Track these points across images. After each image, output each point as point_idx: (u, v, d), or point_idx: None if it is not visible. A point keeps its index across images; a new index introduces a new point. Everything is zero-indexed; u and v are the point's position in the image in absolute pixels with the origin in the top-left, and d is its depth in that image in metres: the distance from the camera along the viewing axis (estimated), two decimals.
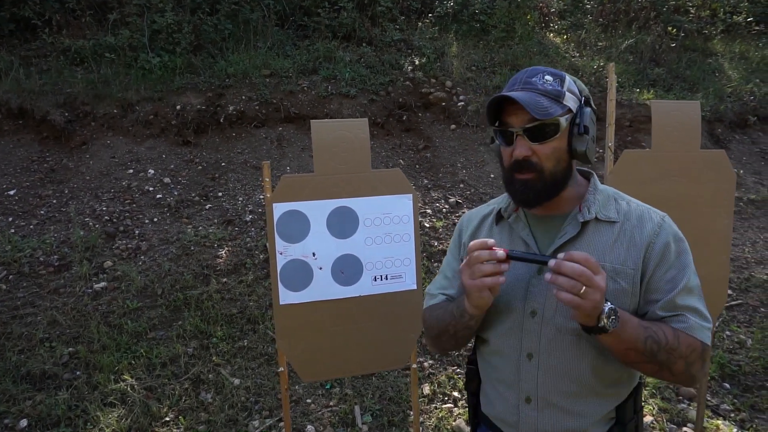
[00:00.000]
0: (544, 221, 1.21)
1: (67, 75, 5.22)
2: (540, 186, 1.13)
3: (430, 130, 5.50)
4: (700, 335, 1.09)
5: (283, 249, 1.95)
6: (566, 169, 1.16)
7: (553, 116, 1.09)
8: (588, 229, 1.16)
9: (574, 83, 1.17)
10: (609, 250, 1.13)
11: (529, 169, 1.12)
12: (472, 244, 1.08)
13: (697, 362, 1.08)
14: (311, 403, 3.08)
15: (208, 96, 5.20)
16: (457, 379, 3.27)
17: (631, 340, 1.03)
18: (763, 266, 4.39)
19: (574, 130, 1.13)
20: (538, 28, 7.18)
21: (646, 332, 1.05)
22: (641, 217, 1.16)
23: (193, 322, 3.44)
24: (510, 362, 1.20)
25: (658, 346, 1.04)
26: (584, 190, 1.22)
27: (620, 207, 1.18)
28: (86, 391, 3.01)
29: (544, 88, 1.11)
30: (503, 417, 1.25)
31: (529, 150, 1.11)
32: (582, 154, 1.14)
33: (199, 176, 4.73)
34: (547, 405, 1.17)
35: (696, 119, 2.25)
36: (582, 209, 1.17)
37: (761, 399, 3.14)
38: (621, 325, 1.01)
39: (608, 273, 1.11)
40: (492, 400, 1.28)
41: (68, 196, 4.40)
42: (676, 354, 1.06)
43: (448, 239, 4.29)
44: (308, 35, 6.17)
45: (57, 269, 3.75)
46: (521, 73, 1.17)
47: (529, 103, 1.07)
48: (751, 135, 6.15)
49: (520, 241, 1.22)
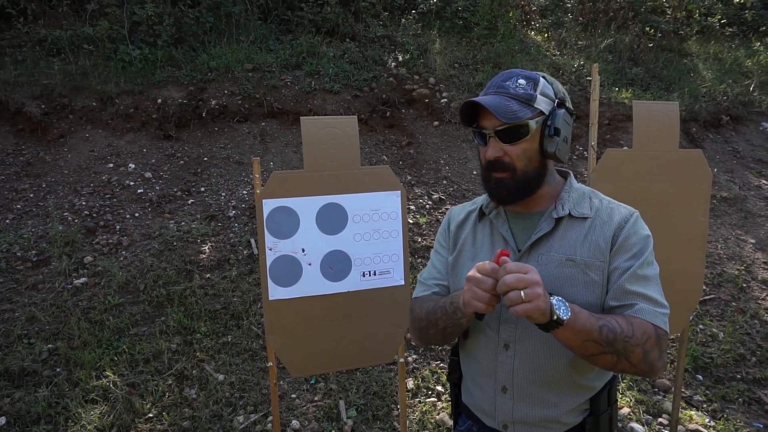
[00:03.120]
0: (522, 218, 1.27)
1: (44, 66, 5.10)
2: (513, 184, 1.19)
3: (414, 126, 5.53)
4: (653, 319, 1.11)
5: (273, 245, 1.96)
6: (538, 168, 1.22)
7: (522, 119, 1.15)
8: (561, 225, 1.22)
9: (550, 86, 1.21)
10: (580, 245, 1.19)
11: (503, 169, 1.19)
12: (481, 268, 1.06)
13: (654, 350, 1.09)
14: (296, 398, 3.09)
15: (190, 90, 5.14)
16: (440, 373, 3.32)
17: (585, 329, 1.04)
18: (734, 262, 4.54)
19: (545, 132, 1.18)
20: (520, 26, 7.26)
21: (599, 321, 1.06)
22: (611, 213, 1.21)
23: (177, 318, 3.41)
24: (488, 352, 1.26)
25: (614, 335, 1.06)
26: (561, 188, 1.28)
27: (593, 204, 1.24)
28: (67, 388, 2.97)
29: (515, 92, 1.17)
30: (481, 406, 1.30)
31: (500, 150, 1.18)
32: (552, 154, 1.20)
33: (181, 171, 4.68)
34: (522, 394, 1.22)
35: (675, 120, 2.32)
36: (557, 206, 1.23)
37: (731, 390, 3.25)
38: (573, 316, 1.03)
39: (580, 266, 1.17)
40: (471, 390, 1.34)
41: (46, 190, 4.32)
42: (632, 342, 1.07)
43: (431, 235, 4.33)
44: (291, 30, 6.14)
45: (35, 264, 3.68)
46: (498, 76, 1.23)
47: (498, 108, 1.13)
48: (724, 134, 6.33)
49: (500, 237, 1.28)
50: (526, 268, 0.99)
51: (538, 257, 1.21)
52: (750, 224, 5.10)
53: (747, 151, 6.18)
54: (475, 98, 1.16)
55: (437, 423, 2.94)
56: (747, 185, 5.64)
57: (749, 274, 4.42)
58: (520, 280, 0.97)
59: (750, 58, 7.65)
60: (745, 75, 7.20)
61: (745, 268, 4.47)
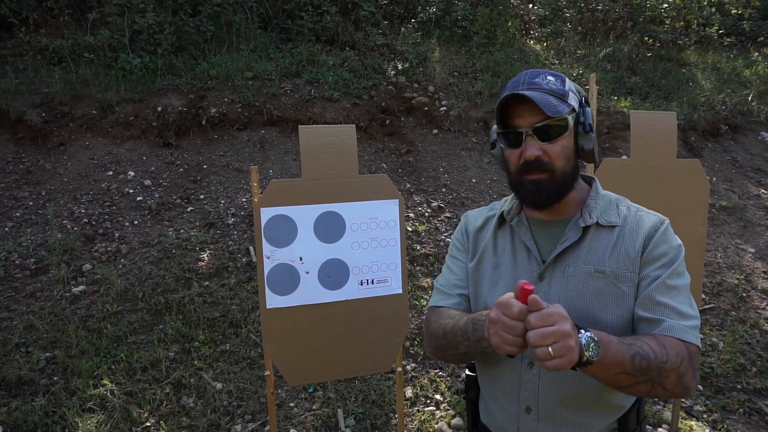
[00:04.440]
0: (546, 226, 1.21)
1: (45, 75, 5.12)
2: (552, 186, 1.12)
3: (413, 134, 5.54)
4: (684, 335, 1.05)
5: (271, 253, 1.96)
6: (574, 168, 1.16)
7: (562, 114, 1.09)
8: (589, 234, 1.15)
9: (572, 84, 1.18)
10: (609, 255, 1.13)
11: (541, 169, 1.11)
12: (506, 309, 0.95)
13: (688, 371, 1.03)
14: (294, 406, 3.07)
15: (190, 98, 5.16)
16: (439, 382, 3.31)
17: (617, 361, 0.97)
18: (734, 271, 4.53)
19: (579, 129, 1.14)
20: (519, 35, 7.30)
21: (630, 349, 0.99)
22: (641, 221, 1.15)
23: (175, 326, 3.41)
24: (510, 370, 1.18)
25: (647, 362, 0.99)
26: (586, 195, 1.22)
27: (621, 212, 1.18)
28: (64, 397, 2.96)
29: (549, 88, 1.11)
30: (503, 426, 1.23)
31: (539, 150, 1.10)
32: (589, 151, 1.15)
33: (180, 178, 4.69)
34: (547, 415, 1.15)
35: (672, 129, 2.33)
36: (583, 214, 1.16)
37: (732, 400, 3.24)
38: (603, 350, 0.95)
39: (609, 278, 1.11)
40: (491, 410, 1.26)
41: (45, 197, 4.32)
42: (667, 367, 1.00)
43: (430, 243, 4.33)
44: (291, 38, 6.17)
45: (34, 272, 3.68)
46: (522, 75, 1.16)
47: (541, 101, 1.06)
48: (723, 143, 6.34)
49: (522, 246, 1.21)
50: (552, 317, 0.89)
51: (564, 269, 1.14)
52: (749, 233, 5.10)
53: (746, 160, 6.19)
54: (517, 91, 1.09)
55: None
56: (746, 194, 5.65)
57: (749, 284, 4.41)
58: (546, 336, 0.88)
59: (748, 68, 7.69)
60: (743, 85, 7.23)
61: (745, 278, 4.46)
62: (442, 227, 4.56)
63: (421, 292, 3.92)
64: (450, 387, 3.27)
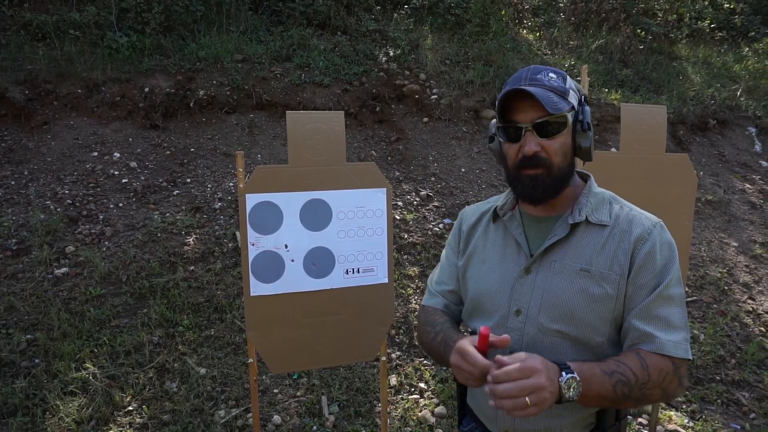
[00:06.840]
0: (537, 222, 1.22)
1: (28, 51, 5.00)
2: (549, 181, 1.14)
3: (403, 122, 5.51)
4: (674, 351, 1.07)
5: (255, 240, 1.94)
6: (571, 165, 1.18)
7: (562, 111, 1.11)
8: (577, 232, 1.16)
9: (573, 82, 1.19)
10: (597, 255, 1.13)
11: (539, 165, 1.13)
12: (467, 356, 1.04)
13: (672, 383, 1.07)
14: (278, 393, 3.08)
15: (178, 79, 5.07)
16: (423, 370, 3.32)
17: (599, 395, 1.02)
18: (716, 265, 4.59)
19: (578, 127, 1.15)
20: (512, 24, 7.25)
21: (611, 378, 1.02)
22: (632, 222, 1.15)
23: (159, 310, 3.38)
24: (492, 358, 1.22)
25: (629, 389, 1.03)
26: (580, 192, 1.22)
27: (613, 210, 1.18)
28: (45, 380, 2.93)
29: (551, 85, 1.12)
30: (484, 410, 1.27)
31: (538, 145, 1.12)
32: (586, 150, 1.16)
33: (167, 161, 4.63)
34: None
35: (662, 123, 2.33)
36: (573, 211, 1.17)
37: (710, 391, 3.30)
38: (585, 385, 0.99)
39: (595, 278, 1.12)
40: (475, 394, 1.31)
41: (28, 177, 4.24)
42: (649, 385, 1.04)
43: (418, 232, 4.33)
44: (282, 21, 6.07)
45: (15, 253, 3.62)
46: (524, 70, 1.17)
47: (542, 97, 1.08)
48: (711, 138, 6.38)
49: (513, 241, 1.23)
50: (527, 370, 0.94)
51: (550, 264, 1.16)
52: (733, 228, 5.15)
53: (732, 155, 6.25)
54: (520, 86, 1.10)
55: (419, 420, 2.95)
56: (731, 189, 5.70)
57: (731, 277, 4.47)
58: (523, 388, 0.93)
59: (738, 63, 7.72)
60: (733, 80, 7.27)
61: (728, 271, 4.52)
62: (431, 216, 4.55)
63: (408, 280, 3.92)
64: (434, 375, 3.29)
